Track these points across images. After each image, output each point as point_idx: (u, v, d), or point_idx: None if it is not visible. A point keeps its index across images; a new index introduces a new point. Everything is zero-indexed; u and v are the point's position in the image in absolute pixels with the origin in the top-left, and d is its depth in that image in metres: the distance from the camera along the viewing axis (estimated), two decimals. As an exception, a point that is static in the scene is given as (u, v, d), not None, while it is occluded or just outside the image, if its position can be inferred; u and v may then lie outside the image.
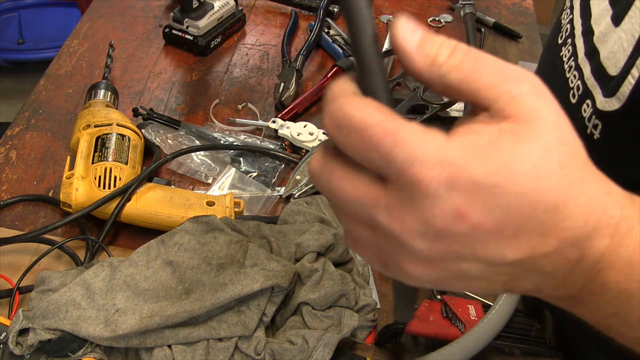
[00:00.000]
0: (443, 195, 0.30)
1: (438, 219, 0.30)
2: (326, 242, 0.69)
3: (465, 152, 0.30)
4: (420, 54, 0.32)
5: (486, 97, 0.31)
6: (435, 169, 0.30)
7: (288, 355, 0.60)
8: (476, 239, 0.31)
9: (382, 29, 1.14)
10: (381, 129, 0.30)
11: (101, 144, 0.78)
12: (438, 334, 0.64)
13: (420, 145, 0.30)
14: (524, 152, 0.30)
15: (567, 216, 0.31)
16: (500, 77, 0.31)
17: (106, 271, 0.65)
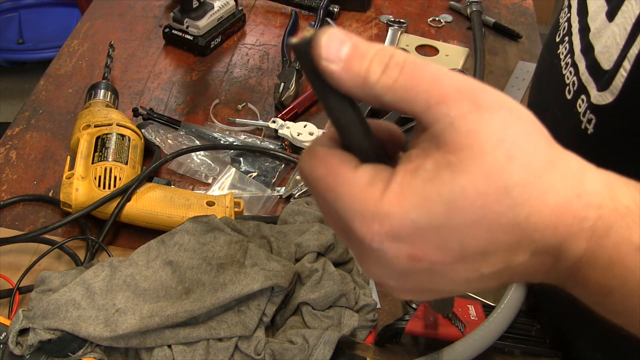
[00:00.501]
0: (391, 247, 0.30)
1: (395, 265, 0.31)
2: (326, 242, 0.69)
3: (402, 201, 0.29)
4: (348, 75, 0.30)
5: (424, 118, 0.30)
6: (374, 225, 0.30)
7: (288, 355, 0.60)
8: (442, 270, 0.31)
9: (382, 29, 1.14)
10: (325, 183, 0.31)
11: (101, 144, 0.78)
12: (438, 334, 0.64)
13: (358, 200, 0.30)
14: (465, 185, 0.29)
15: (533, 230, 0.30)
16: (437, 96, 0.29)
17: (106, 271, 0.65)
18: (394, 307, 0.72)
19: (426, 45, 1.11)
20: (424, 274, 0.31)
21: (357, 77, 0.30)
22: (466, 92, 0.30)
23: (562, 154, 0.32)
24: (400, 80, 0.29)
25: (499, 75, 1.05)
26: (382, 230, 0.30)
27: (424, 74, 0.29)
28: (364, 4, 1.18)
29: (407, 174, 0.30)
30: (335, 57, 0.29)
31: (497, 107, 0.30)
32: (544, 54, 0.67)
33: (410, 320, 0.64)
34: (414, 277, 0.32)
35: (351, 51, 0.30)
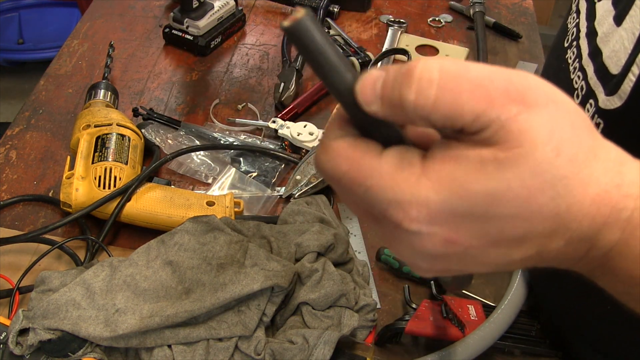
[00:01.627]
0: (427, 231, 0.30)
1: (429, 249, 0.31)
2: (326, 242, 0.69)
3: (441, 188, 0.29)
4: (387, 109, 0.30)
5: (474, 127, 0.29)
6: (411, 211, 0.30)
7: (288, 355, 0.60)
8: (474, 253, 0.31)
9: (382, 29, 1.14)
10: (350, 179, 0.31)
11: (101, 144, 0.78)
12: (438, 334, 0.64)
13: (392, 188, 0.30)
14: (510, 179, 0.29)
15: (572, 219, 0.30)
16: (484, 104, 0.28)
17: (106, 271, 0.65)
18: (394, 307, 0.72)
19: (426, 45, 1.11)
20: (455, 256, 0.32)
21: (395, 107, 0.29)
22: (513, 93, 0.29)
23: (603, 143, 0.32)
24: (440, 97, 0.28)
25: (499, 75, 1.04)
26: (420, 215, 0.30)
27: (463, 85, 0.28)
28: (364, 4, 1.18)
29: (447, 162, 0.30)
30: (372, 99, 0.30)
31: (545, 102, 0.30)
32: (550, 59, 0.67)
33: (410, 320, 0.64)
34: (445, 259, 0.32)
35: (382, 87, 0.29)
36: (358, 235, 0.79)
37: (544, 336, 0.67)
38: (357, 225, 0.80)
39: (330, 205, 0.79)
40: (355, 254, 0.75)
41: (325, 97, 0.99)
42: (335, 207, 0.83)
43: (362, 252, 0.77)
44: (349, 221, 0.81)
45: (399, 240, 0.32)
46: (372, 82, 0.30)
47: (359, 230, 0.80)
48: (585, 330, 0.64)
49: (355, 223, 0.81)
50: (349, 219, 0.81)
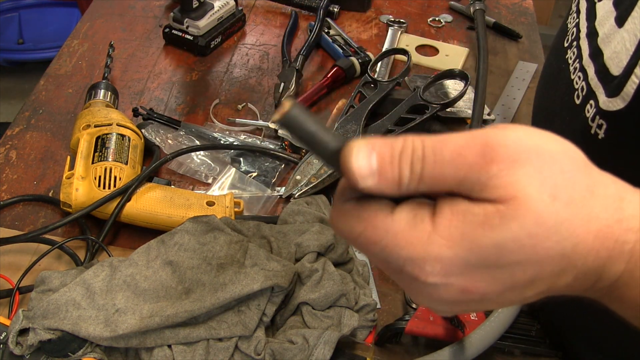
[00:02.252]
0: (443, 283, 0.32)
1: (447, 298, 0.33)
2: (326, 242, 0.69)
3: (452, 243, 0.31)
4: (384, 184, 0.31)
5: (460, 191, 0.31)
6: (426, 267, 0.32)
7: (288, 355, 0.60)
8: (490, 298, 0.33)
9: (382, 29, 1.14)
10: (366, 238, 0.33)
11: (101, 144, 0.78)
12: (438, 334, 0.64)
13: (406, 246, 0.32)
14: (515, 230, 0.30)
15: (577, 258, 0.32)
16: (465, 168, 0.30)
17: (106, 271, 0.65)
18: (394, 307, 0.72)
19: (426, 45, 1.11)
20: (473, 302, 0.34)
21: (392, 183, 0.31)
22: (489, 155, 0.30)
23: (600, 179, 0.33)
24: (427, 171, 0.31)
25: (499, 75, 1.05)
26: (434, 270, 0.32)
27: (444, 156, 0.31)
28: (364, 4, 1.18)
29: (455, 217, 0.31)
30: (368, 173, 0.31)
31: (526, 156, 0.31)
32: (550, 59, 0.67)
33: (410, 320, 0.64)
34: (463, 304, 0.34)
35: (380, 162, 0.31)
36: (358, 235, 0.79)
37: (544, 336, 0.67)
38: (357, 225, 0.80)
39: (330, 205, 0.79)
40: (355, 254, 0.75)
41: (325, 97, 0.99)
42: (335, 207, 0.83)
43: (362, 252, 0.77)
44: (349, 221, 0.81)
45: (418, 291, 0.34)
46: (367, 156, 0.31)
47: (359, 230, 0.80)
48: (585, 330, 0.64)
49: (355, 223, 0.80)
50: (349, 219, 0.81)
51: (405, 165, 0.31)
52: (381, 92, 0.92)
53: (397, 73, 0.96)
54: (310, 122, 0.31)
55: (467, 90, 0.89)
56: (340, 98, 0.99)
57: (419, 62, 1.07)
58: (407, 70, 0.95)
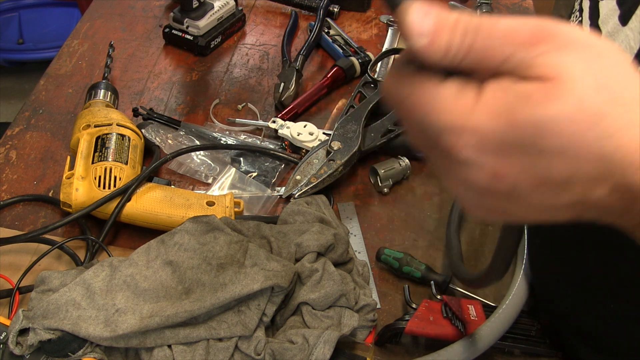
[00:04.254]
0: (477, 160, 0.31)
1: (477, 181, 0.32)
2: (326, 242, 0.69)
3: (493, 115, 0.30)
4: (434, 47, 0.31)
5: (505, 69, 0.30)
6: (464, 136, 0.30)
7: (288, 355, 0.60)
8: (521, 193, 0.32)
9: (382, 29, 1.14)
10: (412, 102, 0.32)
11: (101, 144, 0.78)
12: (438, 334, 0.64)
13: (448, 113, 0.31)
14: (557, 111, 0.29)
15: (618, 165, 0.30)
16: (514, 46, 0.30)
17: (106, 271, 0.65)
18: (394, 307, 0.72)
19: (426, 45, 1.11)
20: (503, 195, 0.32)
21: (442, 47, 0.31)
22: (539, 35, 0.30)
23: None
24: (477, 43, 0.30)
25: (499, 75, 1.05)
26: (471, 141, 0.30)
27: (497, 31, 0.30)
28: (364, 4, 1.18)
29: (499, 91, 0.30)
30: (422, 32, 0.30)
31: (579, 45, 0.30)
32: None
33: (410, 320, 0.64)
34: (492, 197, 0.32)
35: (435, 24, 0.30)
36: (358, 235, 0.79)
37: (544, 336, 0.67)
38: (357, 225, 0.80)
39: (330, 205, 0.79)
40: (355, 254, 0.75)
41: (325, 97, 0.99)
42: (335, 207, 0.83)
43: (362, 252, 0.77)
44: (349, 221, 0.81)
45: (450, 170, 0.33)
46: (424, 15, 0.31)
47: (359, 230, 0.80)
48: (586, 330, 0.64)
49: (355, 223, 0.81)
50: (349, 219, 0.81)
51: (458, 33, 0.30)
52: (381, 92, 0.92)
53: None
54: None
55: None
56: (340, 98, 0.99)
57: (419, 62, 1.07)
58: (407, 70, 0.95)
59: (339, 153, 0.83)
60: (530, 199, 0.32)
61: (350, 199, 0.84)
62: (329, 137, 0.85)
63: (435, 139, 0.32)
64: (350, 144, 0.84)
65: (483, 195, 0.33)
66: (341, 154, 0.83)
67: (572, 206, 0.32)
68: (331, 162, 0.82)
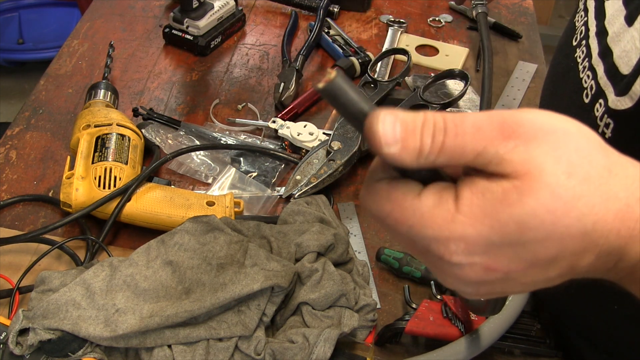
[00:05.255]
0: (467, 262, 0.33)
1: (471, 278, 0.34)
2: (326, 242, 0.69)
3: (475, 221, 0.32)
4: (405, 152, 0.32)
5: (477, 164, 0.32)
6: (451, 246, 0.32)
7: (289, 354, 0.60)
8: (514, 277, 0.34)
9: (382, 29, 1.14)
10: (394, 218, 0.34)
11: (101, 144, 0.78)
12: (438, 334, 0.64)
13: (432, 226, 0.32)
14: (534, 205, 0.31)
15: (598, 237, 0.32)
16: (483, 142, 0.31)
17: (106, 271, 0.65)
18: (394, 307, 0.72)
19: (426, 45, 1.11)
20: (497, 281, 0.34)
21: (414, 152, 0.32)
22: (507, 130, 0.31)
23: (618, 160, 0.33)
24: (447, 142, 0.31)
25: (499, 75, 1.05)
26: (458, 249, 0.32)
27: (465, 129, 0.31)
28: (364, 4, 1.18)
29: (475, 196, 0.32)
30: (392, 140, 0.31)
31: (542, 134, 0.31)
32: (558, 58, 0.67)
33: (410, 320, 0.64)
34: (488, 284, 0.35)
35: (403, 131, 0.31)
36: (358, 235, 0.79)
37: (544, 336, 0.67)
38: (357, 225, 0.80)
39: (330, 205, 0.79)
40: (355, 254, 0.75)
41: (325, 97, 0.99)
42: (335, 207, 0.83)
43: (362, 252, 0.77)
44: (349, 221, 0.81)
45: (444, 271, 0.35)
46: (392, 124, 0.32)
47: (359, 230, 0.80)
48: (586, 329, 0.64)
49: (355, 223, 0.81)
50: (349, 219, 0.81)
51: (427, 135, 0.31)
52: (381, 92, 0.92)
53: (397, 73, 0.96)
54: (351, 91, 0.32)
55: (467, 90, 0.89)
56: (340, 98, 0.99)
57: (419, 62, 1.07)
58: (407, 70, 0.95)
59: (339, 153, 0.83)
60: (523, 279, 0.34)
61: (350, 199, 0.84)
62: (329, 137, 0.85)
63: (424, 247, 0.33)
64: (350, 144, 0.84)
65: (479, 286, 0.35)
66: (341, 154, 0.83)
67: (562, 275, 0.34)
68: (331, 162, 0.82)
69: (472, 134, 0.31)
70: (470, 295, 0.37)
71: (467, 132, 0.31)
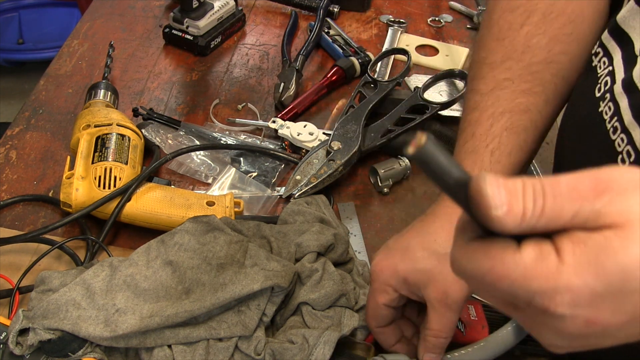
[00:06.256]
0: (571, 314, 0.33)
1: (572, 330, 0.34)
2: (326, 242, 0.69)
3: (581, 271, 0.32)
4: (511, 216, 0.32)
5: (575, 224, 0.32)
6: (557, 297, 0.32)
7: (288, 355, 0.60)
8: (611, 332, 0.34)
9: (382, 29, 1.14)
10: (495, 275, 0.33)
11: (101, 144, 0.78)
12: (438, 334, 0.64)
13: (537, 279, 0.32)
14: (636, 252, 0.31)
15: None
16: (580, 200, 0.32)
17: (106, 271, 0.65)
18: (394, 307, 0.72)
19: (426, 45, 1.11)
20: (594, 335, 0.34)
21: (517, 215, 0.32)
22: (600, 187, 0.32)
23: None
24: (547, 204, 0.32)
25: (499, 75, 1.04)
26: (564, 300, 0.32)
27: (562, 189, 0.32)
28: (364, 4, 1.18)
29: (577, 246, 0.32)
30: (499, 203, 0.32)
31: (633, 185, 0.32)
32: (578, 106, 0.63)
33: (410, 320, 0.64)
34: (584, 338, 0.35)
35: (507, 194, 0.32)
36: (358, 235, 0.79)
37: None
38: (357, 225, 0.80)
39: (330, 205, 0.79)
40: (355, 254, 0.75)
41: (325, 97, 0.99)
42: (335, 207, 0.83)
43: (362, 252, 0.77)
44: (349, 221, 0.81)
45: (543, 325, 0.35)
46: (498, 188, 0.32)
47: (359, 230, 0.80)
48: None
49: (355, 223, 0.81)
50: (349, 219, 0.81)
51: (529, 199, 0.32)
52: (381, 92, 0.92)
53: (397, 73, 0.96)
54: (442, 156, 0.32)
55: (467, 90, 0.89)
56: (340, 98, 0.99)
57: (419, 62, 1.07)
58: (407, 70, 0.95)
59: (339, 153, 0.83)
60: (619, 333, 0.34)
61: (350, 199, 0.84)
62: (329, 137, 0.85)
63: (527, 302, 0.33)
64: (350, 144, 0.84)
65: (575, 339, 0.35)
66: (341, 154, 0.83)
67: None
68: (331, 162, 0.82)
69: (568, 193, 0.32)
70: (561, 349, 0.37)
71: (563, 193, 0.32)
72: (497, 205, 0.32)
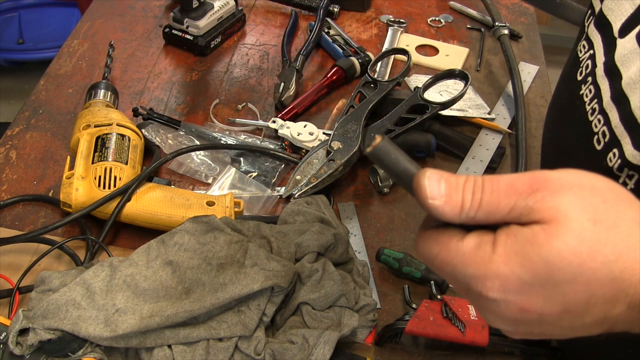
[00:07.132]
0: (502, 299, 0.36)
1: (508, 314, 0.37)
2: (326, 242, 0.69)
3: (508, 261, 0.35)
4: (449, 207, 0.36)
5: (511, 218, 0.35)
6: (487, 283, 0.36)
7: (288, 355, 0.60)
8: (550, 320, 0.36)
9: (382, 29, 1.14)
10: (441, 259, 0.37)
11: (101, 144, 0.78)
12: (438, 334, 0.64)
13: (471, 265, 0.36)
14: (560, 247, 0.33)
15: (627, 285, 0.33)
16: (516, 196, 0.35)
17: (106, 271, 0.65)
18: (394, 307, 0.72)
19: (426, 45, 1.11)
20: (534, 322, 0.37)
21: (456, 207, 0.36)
22: (535, 185, 0.35)
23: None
24: (485, 198, 0.36)
25: (499, 75, 1.05)
26: (494, 286, 0.35)
27: (500, 186, 0.35)
28: (364, 4, 1.18)
29: (509, 238, 0.35)
30: (437, 195, 0.36)
31: (568, 187, 0.35)
32: (562, 90, 0.64)
33: (410, 320, 0.64)
34: (525, 325, 0.37)
35: (447, 187, 0.36)
36: (358, 235, 0.79)
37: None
38: (357, 225, 0.80)
39: (330, 205, 0.79)
40: (355, 254, 0.75)
41: (325, 97, 0.99)
42: (335, 207, 0.83)
43: (362, 252, 0.77)
44: (349, 221, 0.81)
45: (484, 307, 0.38)
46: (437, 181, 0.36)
47: (359, 230, 0.80)
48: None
49: (355, 223, 0.81)
50: (349, 219, 0.81)
51: (468, 192, 0.36)
52: (381, 92, 0.92)
53: (397, 73, 0.96)
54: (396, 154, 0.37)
55: (467, 90, 0.89)
56: (340, 98, 0.99)
57: (419, 62, 1.07)
58: (407, 70, 0.95)
59: (339, 153, 0.83)
60: (559, 323, 0.36)
61: (350, 199, 0.84)
62: (329, 137, 0.85)
63: (466, 285, 0.37)
64: (350, 144, 0.84)
65: (517, 324, 0.38)
66: (341, 154, 0.83)
67: (598, 323, 0.36)
68: (331, 162, 0.82)
69: (505, 189, 0.35)
70: (511, 334, 0.39)
71: (501, 189, 0.35)
72: (433, 195, 0.36)
